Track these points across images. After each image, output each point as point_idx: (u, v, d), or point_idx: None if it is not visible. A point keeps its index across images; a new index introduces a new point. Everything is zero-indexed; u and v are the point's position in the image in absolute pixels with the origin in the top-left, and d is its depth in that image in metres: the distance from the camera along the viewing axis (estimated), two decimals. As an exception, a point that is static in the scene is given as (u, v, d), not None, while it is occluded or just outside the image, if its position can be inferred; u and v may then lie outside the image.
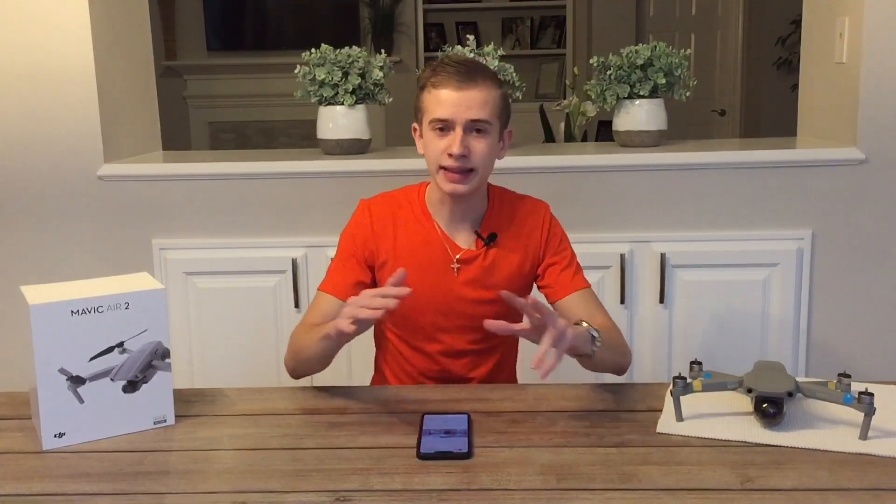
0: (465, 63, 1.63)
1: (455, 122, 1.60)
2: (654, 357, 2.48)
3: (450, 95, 1.60)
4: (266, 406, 1.53)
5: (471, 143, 1.61)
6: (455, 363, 1.74)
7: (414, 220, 1.73)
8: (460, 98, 1.59)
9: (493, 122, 1.63)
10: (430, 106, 1.63)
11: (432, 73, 1.64)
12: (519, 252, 1.73)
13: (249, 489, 1.23)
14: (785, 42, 5.67)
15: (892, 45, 2.37)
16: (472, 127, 1.61)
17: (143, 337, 1.41)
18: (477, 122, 1.60)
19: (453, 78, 1.60)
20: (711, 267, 2.45)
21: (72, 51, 2.45)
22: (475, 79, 1.60)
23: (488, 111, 1.61)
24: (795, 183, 2.44)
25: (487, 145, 1.63)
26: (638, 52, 2.50)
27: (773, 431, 1.36)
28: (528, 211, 1.75)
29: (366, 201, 1.76)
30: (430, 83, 1.63)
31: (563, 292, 1.72)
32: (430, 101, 1.63)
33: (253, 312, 2.49)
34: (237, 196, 2.50)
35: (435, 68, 1.64)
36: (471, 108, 1.59)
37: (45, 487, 1.24)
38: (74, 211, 2.52)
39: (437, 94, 1.61)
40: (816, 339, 2.49)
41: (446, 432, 1.36)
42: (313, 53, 2.48)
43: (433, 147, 1.64)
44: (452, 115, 1.60)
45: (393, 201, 1.75)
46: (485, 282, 1.71)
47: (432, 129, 1.63)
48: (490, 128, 1.62)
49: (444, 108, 1.60)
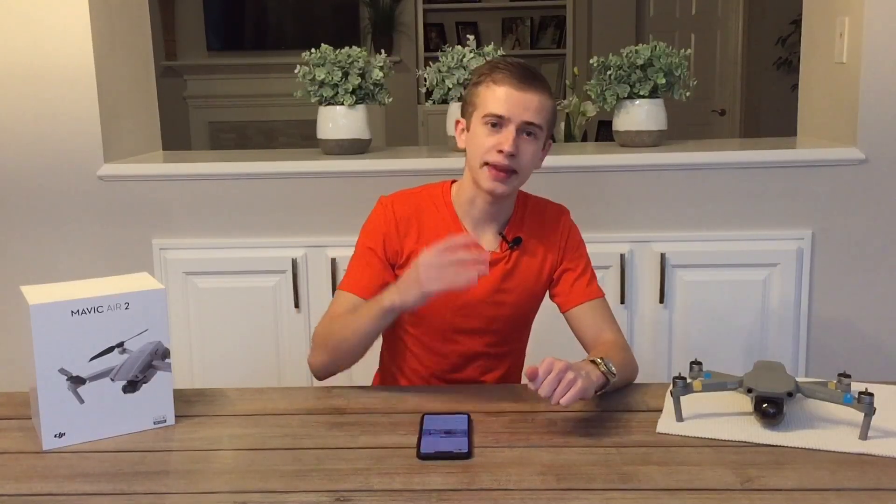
0: (525, 66, 1.63)
1: (510, 121, 1.58)
2: (654, 357, 2.48)
3: (510, 93, 1.58)
4: (266, 406, 1.53)
5: (521, 145, 1.59)
6: (469, 366, 1.73)
7: (440, 219, 1.70)
8: (519, 98, 1.58)
9: (544, 128, 1.63)
10: (486, 100, 1.60)
11: (492, 69, 1.62)
12: (539, 257, 1.72)
13: (249, 489, 1.23)
14: (785, 42, 5.67)
15: (892, 45, 2.37)
16: (525, 129, 1.60)
17: (143, 337, 1.41)
18: (530, 125, 1.59)
19: (515, 77, 1.59)
20: (711, 267, 2.45)
21: (72, 51, 2.45)
22: (535, 82, 1.60)
23: (543, 116, 1.61)
24: (795, 183, 2.44)
25: (535, 150, 1.62)
26: (638, 52, 2.50)
27: (773, 431, 1.36)
28: (552, 217, 1.75)
29: (387, 199, 1.72)
30: (489, 78, 1.61)
31: (576, 301, 1.70)
32: (487, 95, 1.61)
33: (253, 312, 2.49)
34: (237, 196, 2.50)
35: (496, 65, 1.63)
36: (528, 110, 1.58)
37: (45, 487, 1.24)
38: (74, 211, 2.52)
39: (497, 89, 1.59)
40: (816, 339, 2.49)
41: (446, 432, 1.36)
42: (313, 53, 2.48)
43: (481, 142, 1.61)
44: (509, 113, 1.58)
45: (416, 199, 1.72)
46: (504, 285, 1.70)
47: (485, 123, 1.60)
48: (540, 133, 1.62)
49: (502, 105, 1.58)
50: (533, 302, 1.75)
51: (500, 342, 1.73)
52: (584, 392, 1.37)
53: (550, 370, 1.36)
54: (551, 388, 1.34)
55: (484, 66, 1.67)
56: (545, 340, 1.86)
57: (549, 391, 1.34)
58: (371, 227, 1.71)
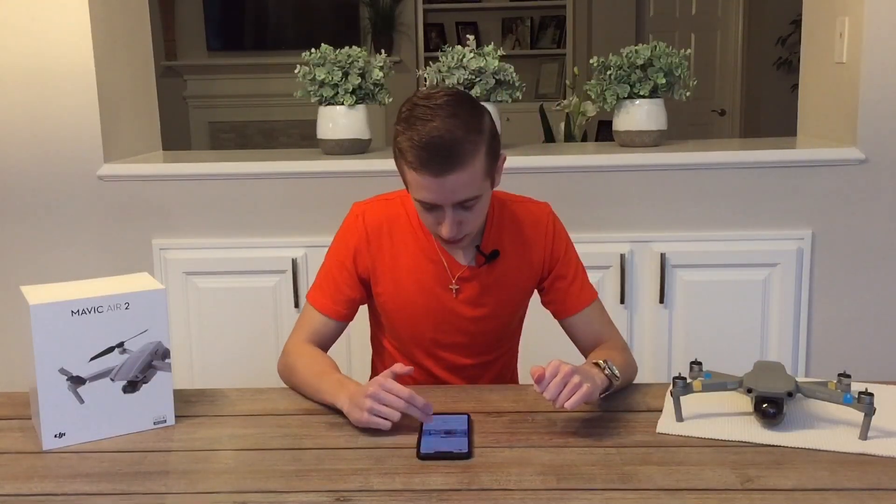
0: (441, 140, 1.43)
1: (443, 205, 1.49)
2: (654, 357, 2.48)
3: (431, 183, 1.45)
4: (266, 406, 1.53)
5: (462, 218, 1.51)
6: (454, 378, 1.70)
7: (411, 235, 1.63)
8: (443, 185, 1.45)
9: (483, 186, 1.50)
10: (412, 184, 1.49)
11: (407, 147, 1.46)
12: (523, 265, 1.65)
13: (249, 489, 1.23)
14: (785, 42, 5.68)
15: (892, 45, 2.37)
16: (460, 205, 1.49)
17: (143, 337, 1.41)
18: (465, 201, 1.49)
19: (433, 166, 1.44)
20: (711, 267, 2.45)
21: (72, 51, 2.45)
22: (456, 160, 1.44)
23: (476, 186, 1.48)
24: (795, 183, 2.44)
25: (479, 209, 1.53)
26: (638, 52, 2.50)
27: (773, 431, 1.36)
28: (531, 218, 1.66)
29: (359, 207, 1.67)
30: (407, 163, 1.47)
31: (571, 311, 1.67)
32: (411, 179, 1.49)
33: (253, 312, 2.49)
34: (237, 196, 2.50)
35: (409, 143, 1.45)
36: (455, 192, 1.46)
37: (45, 487, 1.24)
38: (74, 211, 2.52)
39: (418, 178, 1.46)
40: (816, 339, 2.49)
41: (446, 432, 1.36)
42: (313, 53, 2.48)
43: (423, 218, 1.55)
44: (439, 200, 1.48)
45: (389, 209, 1.65)
46: (485, 298, 1.64)
47: (420, 206, 1.52)
48: (480, 196, 1.50)
49: (429, 194, 1.47)
50: (517, 310, 1.72)
51: (485, 352, 1.70)
52: (589, 396, 1.37)
53: (556, 373, 1.35)
54: (557, 390, 1.34)
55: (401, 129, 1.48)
56: (539, 336, 1.86)
57: (554, 394, 1.34)
58: (342, 237, 1.66)
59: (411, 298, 1.64)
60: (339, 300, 1.64)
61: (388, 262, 1.63)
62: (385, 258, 1.63)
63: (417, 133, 1.44)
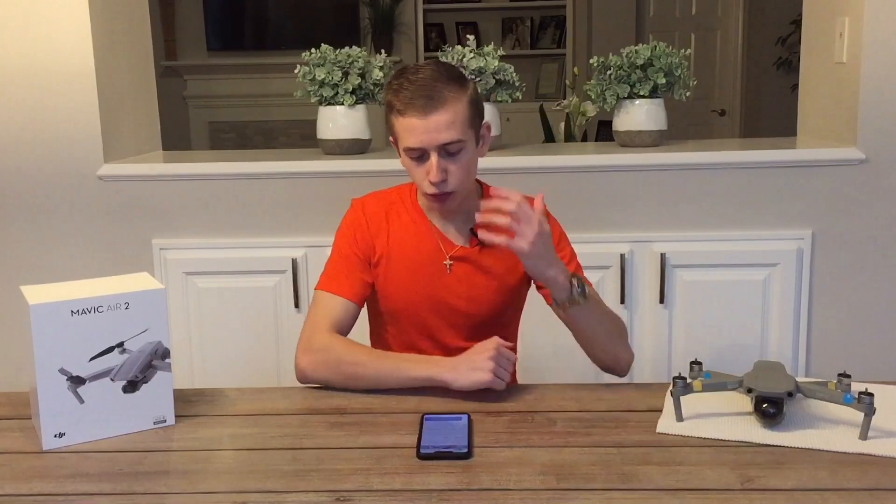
0: (425, 83, 1.57)
1: (428, 149, 1.58)
2: (654, 357, 2.48)
3: (417, 124, 1.56)
4: (266, 406, 1.53)
5: (447, 166, 1.59)
6: None
7: (407, 216, 1.73)
8: (427, 125, 1.56)
9: (467, 134, 1.60)
10: (401, 133, 1.60)
11: (395, 96, 1.59)
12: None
13: (249, 489, 1.23)
14: (785, 42, 5.67)
15: (892, 45, 2.37)
16: (445, 150, 1.58)
17: (143, 337, 1.41)
18: (449, 145, 1.58)
19: (417, 103, 1.56)
20: (711, 267, 2.45)
21: (72, 51, 2.45)
22: (439, 100, 1.56)
23: (458, 129, 1.58)
24: (795, 183, 2.44)
25: (464, 162, 1.61)
26: (638, 52, 2.50)
27: (773, 431, 1.36)
28: None
29: (358, 200, 1.77)
30: (396, 109, 1.59)
31: None
32: (399, 127, 1.60)
33: (253, 312, 2.50)
34: (237, 196, 2.50)
35: (397, 90, 1.59)
36: (440, 132, 1.56)
37: (45, 487, 1.24)
38: (74, 211, 2.52)
39: (405, 121, 1.58)
40: (816, 339, 2.49)
41: (446, 432, 1.36)
42: (313, 53, 2.48)
43: (413, 174, 1.64)
44: (424, 143, 1.57)
45: (385, 199, 1.76)
46: (477, 279, 1.70)
47: (408, 156, 1.62)
48: (464, 143, 1.60)
49: (416, 138, 1.57)
50: (511, 297, 1.75)
51: (482, 336, 1.69)
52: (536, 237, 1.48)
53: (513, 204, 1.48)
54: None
55: (389, 91, 1.62)
56: (540, 336, 1.86)
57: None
58: (346, 227, 1.74)
59: (408, 274, 1.70)
60: (355, 282, 1.69)
61: (385, 243, 1.71)
62: (383, 240, 1.71)
63: (406, 81, 1.59)
